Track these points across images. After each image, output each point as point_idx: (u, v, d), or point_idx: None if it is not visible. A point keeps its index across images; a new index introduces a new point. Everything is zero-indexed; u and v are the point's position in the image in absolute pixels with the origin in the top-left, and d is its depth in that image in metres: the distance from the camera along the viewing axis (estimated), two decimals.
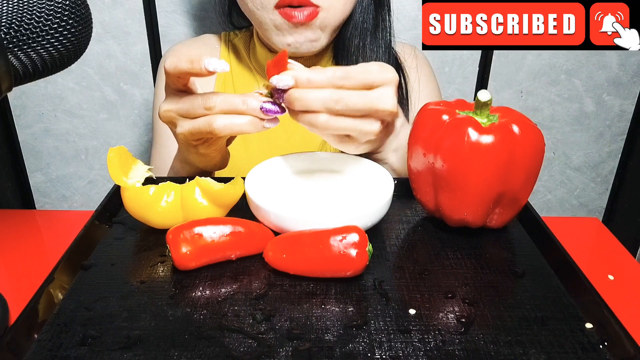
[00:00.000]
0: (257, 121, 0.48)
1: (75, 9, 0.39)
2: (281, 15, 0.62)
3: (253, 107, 0.47)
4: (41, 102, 1.00)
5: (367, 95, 0.48)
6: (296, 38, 0.64)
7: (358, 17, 0.70)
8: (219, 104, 0.48)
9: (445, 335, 0.38)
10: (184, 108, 0.50)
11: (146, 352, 0.36)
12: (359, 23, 0.70)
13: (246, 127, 0.48)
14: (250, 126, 0.48)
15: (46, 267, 0.43)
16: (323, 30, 0.65)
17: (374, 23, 0.71)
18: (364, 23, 0.70)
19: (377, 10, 0.71)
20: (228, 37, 0.81)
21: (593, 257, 0.56)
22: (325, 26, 0.65)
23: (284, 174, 0.56)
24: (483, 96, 0.46)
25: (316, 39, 0.65)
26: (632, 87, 1.04)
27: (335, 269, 0.42)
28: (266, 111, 0.48)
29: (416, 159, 0.49)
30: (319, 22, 0.63)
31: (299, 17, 0.61)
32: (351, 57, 0.71)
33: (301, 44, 0.65)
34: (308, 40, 0.65)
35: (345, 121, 0.49)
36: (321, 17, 0.63)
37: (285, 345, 0.37)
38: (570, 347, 0.37)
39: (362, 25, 0.70)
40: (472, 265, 0.46)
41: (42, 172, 1.08)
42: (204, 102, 0.48)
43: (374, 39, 0.71)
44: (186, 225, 0.44)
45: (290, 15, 0.62)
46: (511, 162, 0.45)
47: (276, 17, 0.63)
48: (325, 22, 0.64)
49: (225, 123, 0.48)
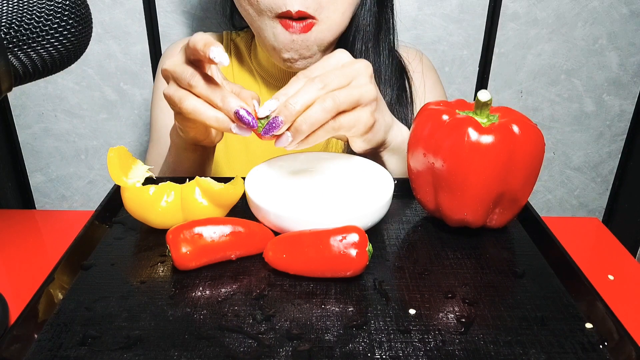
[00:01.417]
0: (225, 121, 0.48)
1: (75, 9, 0.39)
2: (281, 25, 0.63)
3: (229, 107, 0.47)
4: (41, 102, 1.00)
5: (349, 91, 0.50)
6: (292, 55, 0.65)
7: (361, 19, 0.69)
8: (200, 87, 0.48)
9: (445, 335, 0.38)
10: (176, 71, 0.50)
11: (146, 352, 0.36)
12: (361, 26, 0.70)
13: (211, 122, 0.48)
14: (216, 123, 0.48)
15: (46, 267, 0.43)
16: (319, 47, 0.66)
17: (377, 26, 0.71)
18: (367, 26, 0.70)
19: (380, 13, 0.71)
20: (230, 37, 0.81)
21: (593, 257, 0.56)
22: (321, 42, 0.65)
23: (284, 174, 0.56)
24: (483, 96, 0.46)
25: (311, 55, 0.66)
26: (632, 87, 1.04)
27: (335, 269, 0.42)
28: (239, 117, 0.47)
29: (416, 159, 0.49)
30: (314, 35, 0.64)
31: (295, 28, 0.62)
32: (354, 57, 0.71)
33: (296, 61, 0.66)
34: (302, 57, 0.66)
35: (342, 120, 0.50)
36: (316, 31, 0.63)
37: (285, 345, 0.37)
38: (570, 347, 0.37)
39: (365, 28, 0.70)
40: (472, 265, 0.46)
41: (42, 172, 1.08)
42: (189, 78, 0.49)
43: (377, 42, 0.71)
44: (186, 225, 0.44)
45: (288, 25, 0.62)
46: (511, 162, 0.45)
47: (276, 26, 0.63)
48: (321, 35, 0.64)
49: (194, 106, 0.48)
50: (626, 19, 0.98)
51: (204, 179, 0.48)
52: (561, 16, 0.97)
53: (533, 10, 0.97)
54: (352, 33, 0.70)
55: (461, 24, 0.97)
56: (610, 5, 0.96)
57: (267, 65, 0.76)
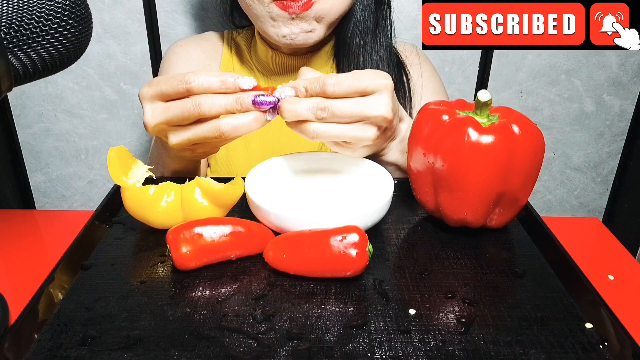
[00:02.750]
0: (261, 116, 0.49)
1: (75, 9, 0.39)
2: (278, 7, 0.63)
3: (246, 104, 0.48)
4: (41, 102, 1.00)
5: (356, 102, 0.49)
6: (291, 29, 0.65)
7: (359, 15, 0.70)
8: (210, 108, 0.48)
9: (445, 335, 0.38)
10: (176, 116, 0.49)
11: (146, 352, 0.36)
12: (359, 22, 0.70)
13: (253, 125, 0.48)
14: (256, 123, 0.49)
15: (46, 267, 0.43)
16: (319, 22, 0.65)
17: (375, 21, 0.71)
18: (365, 21, 0.70)
19: (377, 9, 0.71)
20: (231, 35, 0.81)
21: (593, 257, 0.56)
22: (321, 17, 0.65)
23: (284, 174, 0.56)
24: (483, 96, 0.46)
25: (312, 29, 0.65)
26: (632, 87, 1.04)
27: (335, 269, 0.42)
28: (259, 104, 0.48)
29: (416, 159, 0.49)
30: (314, 13, 0.64)
31: (295, 8, 0.62)
32: (352, 55, 0.71)
33: (297, 35, 0.65)
34: (303, 31, 0.65)
35: (336, 128, 0.49)
36: (316, 9, 0.63)
37: (285, 345, 0.37)
38: (570, 347, 0.37)
39: (363, 23, 0.70)
40: (472, 265, 0.46)
41: (42, 172, 1.08)
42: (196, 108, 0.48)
43: (375, 38, 0.71)
44: (186, 225, 0.44)
45: (286, 5, 0.62)
46: (511, 162, 0.45)
47: (272, 9, 0.63)
48: (321, 13, 0.64)
49: (233, 125, 0.48)
50: None
51: (204, 179, 0.48)
52: None
53: None
54: (350, 29, 0.70)
55: None
56: None
57: (267, 62, 0.76)
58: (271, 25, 0.65)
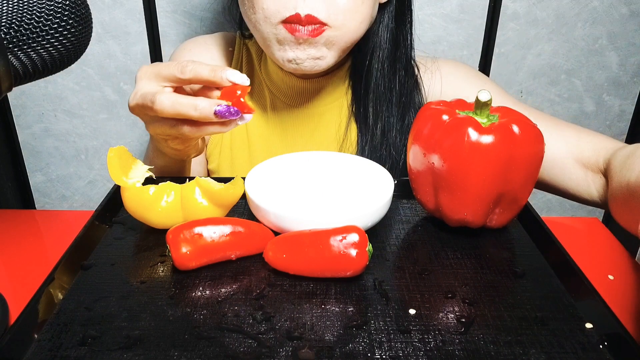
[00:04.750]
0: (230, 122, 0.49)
1: (75, 9, 0.39)
2: (285, 29, 0.59)
3: (206, 113, 0.47)
4: (41, 102, 1.00)
5: None
6: (297, 54, 0.60)
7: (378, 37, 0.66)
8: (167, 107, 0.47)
9: (445, 335, 0.38)
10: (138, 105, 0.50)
11: (146, 352, 0.36)
12: (378, 44, 0.66)
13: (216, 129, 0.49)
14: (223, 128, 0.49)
15: (46, 267, 0.43)
16: (330, 48, 0.61)
17: (395, 44, 0.67)
18: (383, 44, 0.67)
19: (397, 29, 0.67)
20: (242, 41, 0.77)
21: (593, 257, 0.56)
22: (332, 44, 0.61)
23: (284, 174, 0.56)
24: (483, 96, 0.46)
25: (320, 56, 0.61)
26: (632, 87, 1.04)
27: (335, 269, 0.42)
28: (219, 113, 0.47)
29: (416, 159, 0.49)
30: (324, 39, 0.59)
31: (302, 32, 0.58)
32: (370, 78, 0.68)
33: (303, 61, 0.61)
34: (311, 57, 0.61)
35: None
36: (327, 35, 0.59)
37: (285, 345, 0.37)
38: (570, 347, 0.37)
39: (382, 46, 0.67)
40: (472, 265, 0.46)
41: (42, 172, 1.08)
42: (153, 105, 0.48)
43: (393, 61, 0.68)
44: (186, 225, 0.44)
45: (293, 29, 0.58)
46: (511, 162, 0.45)
47: (280, 31, 0.59)
48: (333, 40, 0.60)
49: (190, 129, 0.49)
50: (626, 19, 0.98)
51: (204, 179, 0.48)
52: (561, 16, 0.97)
53: (533, 10, 0.97)
54: (368, 51, 0.67)
55: (461, 24, 0.97)
56: (610, 5, 0.96)
57: (277, 80, 0.72)
58: (277, 48, 0.61)
